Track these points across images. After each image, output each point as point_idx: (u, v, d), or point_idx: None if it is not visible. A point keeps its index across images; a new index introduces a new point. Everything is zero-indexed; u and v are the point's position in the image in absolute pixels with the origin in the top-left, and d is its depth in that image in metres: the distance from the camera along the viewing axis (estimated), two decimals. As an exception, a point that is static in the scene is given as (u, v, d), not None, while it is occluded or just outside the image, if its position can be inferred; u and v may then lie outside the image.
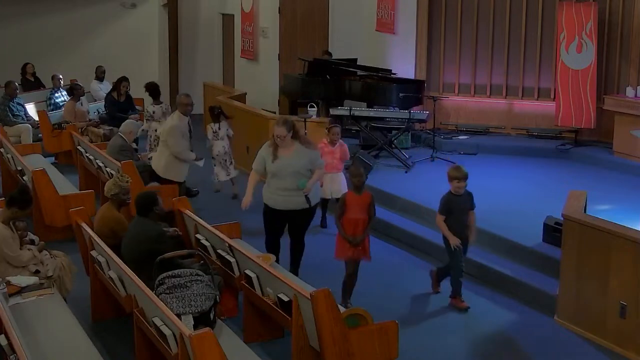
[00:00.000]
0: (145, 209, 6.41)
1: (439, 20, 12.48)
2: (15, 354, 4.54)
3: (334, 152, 8.51)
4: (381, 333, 5.29)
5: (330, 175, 8.43)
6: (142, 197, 6.53)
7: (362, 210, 6.59)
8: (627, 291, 5.94)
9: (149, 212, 6.41)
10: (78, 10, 16.13)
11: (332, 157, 8.46)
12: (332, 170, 8.44)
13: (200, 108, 15.31)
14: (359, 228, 6.58)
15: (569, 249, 6.42)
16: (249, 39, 15.12)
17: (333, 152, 8.50)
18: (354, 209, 6.57)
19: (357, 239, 6.55)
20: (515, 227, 7.92)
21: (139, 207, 6.44)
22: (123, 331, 6.18)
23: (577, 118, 11.25)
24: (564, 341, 6.28)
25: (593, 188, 8.37)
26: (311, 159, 6.92)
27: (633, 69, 11.10)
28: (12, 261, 6.29)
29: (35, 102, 13.68)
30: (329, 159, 8.28)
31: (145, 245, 6.15)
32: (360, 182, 6.62)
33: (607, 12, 11.34)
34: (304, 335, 5.33)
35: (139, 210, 6.45)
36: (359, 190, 6.63)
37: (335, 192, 8.48)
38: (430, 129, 11.64)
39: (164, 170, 8.88)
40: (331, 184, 8.52)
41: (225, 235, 6.56)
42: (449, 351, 6.13)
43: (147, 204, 6.42)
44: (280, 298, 5.51)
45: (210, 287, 5.59)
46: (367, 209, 6.62)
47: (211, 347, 4.49)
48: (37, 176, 8.41)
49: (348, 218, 6.58)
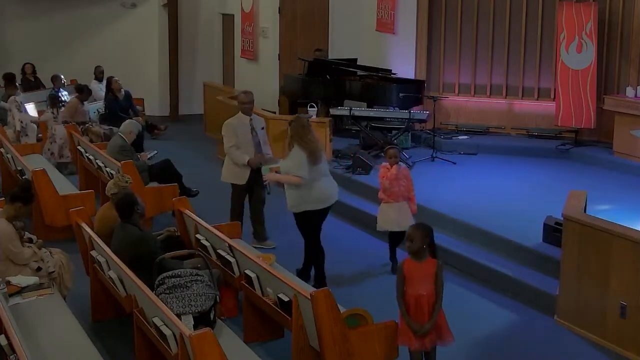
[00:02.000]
0: (126, 212, 6.31)
1: (439, 20, 12.48)
2: (15, 354, 4.53)
3: (396, 177, 7.54)
4: (381, 333, 5.29)
5: (396, 205, 7.54)
6: (121, 200, 6.41)
7: (425, 282, 5.18)
8: (627, 291, 5.94)
9: (130, 215, 6.31)
10: (78, 10, 16.13)
11: (397, 183, 7.51)
12: (398, 198, 7.53)
13: (200, 108, 15.36)
14: (424, 307, 5.15)
15: (569, 249, 6.42)
16: (249, 39, 15.12)
17: (397, 178, 7.53)
18: (414, 282, 5.17)
19: (424, 327, 5.12)
20: (515, 227, 7.92)
21: (120, 211, 6.35)
22: (123, 331, 6.18)
23: (577, 118, 11.25)
24: (564, 341, 6.28)
25: (593, 188, 8.37)
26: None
27: (633, 69, 11.10)
28: (14, 258, 6.30)
29: (35, 102, 13.68)
30: (392, 186, 7.52)
31: (130, 251, 6.10)
32: (416, 247, 5.19)
33: (607, 12, 11.34)
34: (304, 335, 5.33)
35: (120, 214, 6.36)
36: (418, 257, 5.24)
37: (403, 223, 7.36)
38: (430, 129, 11.64)
39: (223, 173, 8.31)
40: (398, 215, 7.54)
41: (225, 235, 6.56)
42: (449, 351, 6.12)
43: (126, 206, 6.32)
44: (280, 298, 5.51)
45: (211, 287, 5.59)
46: (434, 280, 5.19)
47: (211, 347, 4.49)
48: (37, 176, 8.41)
49: (408, 294, 5.18)
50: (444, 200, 8.89)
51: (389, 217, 7.57)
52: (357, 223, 9.18)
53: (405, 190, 7.55)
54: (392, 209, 7.54)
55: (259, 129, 8.17)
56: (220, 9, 16.40)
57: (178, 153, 11.79)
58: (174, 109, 16.21)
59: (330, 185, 7.26)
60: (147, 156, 10.04)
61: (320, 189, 7.09)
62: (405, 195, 7.56)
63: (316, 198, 7.06)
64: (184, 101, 16.30)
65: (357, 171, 10.15)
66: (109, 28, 16.30)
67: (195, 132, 14.67)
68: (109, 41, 16.10)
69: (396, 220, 7.53)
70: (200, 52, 16.55)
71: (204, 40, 16.59)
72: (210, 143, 13.28)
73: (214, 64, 16.63)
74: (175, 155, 10.46)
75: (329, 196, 7.18)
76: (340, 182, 10.00)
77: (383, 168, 7.63)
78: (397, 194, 7.51)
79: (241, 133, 8.03)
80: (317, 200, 7.07)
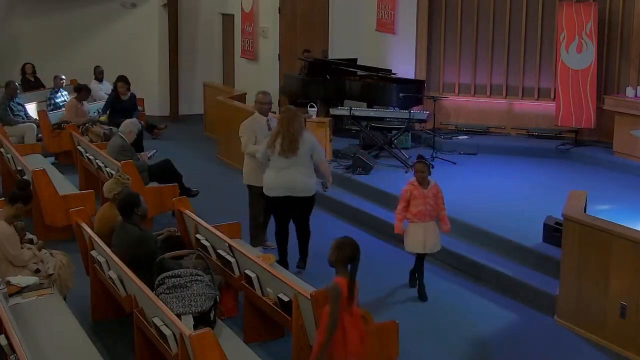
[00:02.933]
0: (126, 212, 6.31)
1: (439, 20, 12.49)
2: (15, 354, 4.54)
3: (425, 195, 6.91)
4: (381, 333, 5.29)
5: (422, 225, 6.92)
6: (123, 199, 6.41)
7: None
8: (627, 291, 5.94)
9: (130, 215, 6.30)
10: (78, 10, 16.13)
11: (424, 201, 6.91)
12: (425, 218, 6.92)
13: (200, 108, 15.36)
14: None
15: (569, 249, 6.42)
16: (249, 39, 15.13)
17: (425, 196, 6.92)
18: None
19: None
20: (515, 227, 7.92)
21: (120, 209, 6.35)
22: (123, 331, 6.18)
23: (577, 118, 11.25)
24: (564, 341, 6.28)
25: (593, 188, 8.38)
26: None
27: (633, 69, 11.10)
28: (13, 260, 6.29)
29: (35, 102, 13.69)
30: (419, 204, 6.90)
31: (130, 251, 6.10)
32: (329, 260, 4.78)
33: (607, 12, 11.35)
34: (304, 335, 5.33)
35: (121, 212, 6.37)
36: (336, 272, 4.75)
37: (430, 244, 6.98)
38: (430, 129, 11.64)
39: (244, 176, 8.16)
40: (424, 236, 6.96)
41: (225, 235, 6.56)
42: (449, 351, 6.14)
43: (127, 206, 6.31)
44: (280, 298, 5.52)
45: (210, 287, 5.59)
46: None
47: (211, 347, 4.49)
48: (37, 176, 8.41)
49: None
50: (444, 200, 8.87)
51: (414, 238, 6.96)
52: (357, 223, 9.18)
53: (433, 210, 6.93)
54: (418, 230, 6.92)
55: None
56: (220, 9, 16.40)
57: (178, 153, 11.79)
58: (174, 109, 16.22)
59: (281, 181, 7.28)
60: (147, 156, 10.03)
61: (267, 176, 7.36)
62: (433, 215, 6.96)
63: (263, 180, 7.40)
64: (184, 101, 16.30)
65: (357, 171, 10.15)
66: (109, 28, 16.30)
67: (195, 132, 14.68)
68: (109, 41, 16.10)
69: (421, 241, 6.94)
70: (200, 52, 16.55)
71: (204, 40, 16.59)
72: (210, 143, 13.28)
73: (214, 64, 16.64)
74: (175, 155, 10.46)
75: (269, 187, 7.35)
76: (340, 182, 10.05)
77: (409, 185, 6.95)
78: (423, 214, 6.89)
79: (259, 133, 7.92)
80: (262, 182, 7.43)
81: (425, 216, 6.90)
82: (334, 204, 9.65)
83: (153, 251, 6.07)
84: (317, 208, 9.59)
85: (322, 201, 9.83)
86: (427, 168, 6.93)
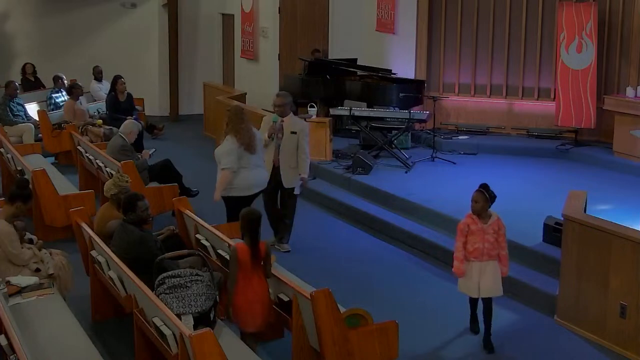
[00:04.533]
0: (127, 211, 6.31)
1: (439, 20, 12.48)
2: (15, 354, 4.53)
3: (484, 230, 5.99)
4: (381, 333, 5.29)
5: (478, 265, 6.01)
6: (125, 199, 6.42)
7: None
8: (627, 291, 5.95)
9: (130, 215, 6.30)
10: (78, 10, 16.13)
11: (482, 238, 5.98)
12: (482, 257, 5.99)
13: (200, 108, 15.36)
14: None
15: (569, 249, 6.42)
16: (249, 39, 15.13)
17: (483, 232, 5.99)
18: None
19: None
20: (515, 227, 7.87)
21: (122, 208, 6.38)
22: (123, 331, 6.18)
23: (577, 118, 11.25)
24: (564, 341, 6.28)
25: (593, 188, 8.38)
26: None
27: (633, 69, 11.10)
28: (14, 259, 6.29)
29: (35, 102, 13.68)
30: (477, 241, 5.98)
31: (130, 251, 6.10)
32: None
33: (607, 12, 11.35)
34: (304, 335, 5.33)
35: (123, 211, 6.39)
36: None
37: (485, 289, 6.04)
38: (430, 129, 11.65)
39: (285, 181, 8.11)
40: (478, 278, 6.04)
41: (225, 235, 6.56)
42: (449, 351, 6.14)
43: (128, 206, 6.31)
44: (280, 298, 5.51)
45: (210, 287, 5.59)
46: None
47: (211, 347, 4.49)
48: (37, 176, 8.41)
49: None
50: (444, 200, 8.89)
51: (468, 280, 6.07)
52: (357, 223, 9.18)
53: (493, 248, 6.00)
54: (474, 270, 6.02)
55: (288, 132, 7.99)
56: (220, 9, 16.40)
57: (178, 153, 11.79)
58: (174, 109, 16.21)
59: (257, 177, 7.61)
60: (148, 153, 10.00)
61: (246, 177, 7.50)
62: (493, 254, 6.00)
63: (239, 185, 7.49)
64: (184, 101, 16.29)
65: (357, 171, 10.14)
66: (109, 28, 16.30)
67: (195, 132, 14.68)
68: (109, 41, 16.10)
69: (476, 283, 6.04)
70: (200, 52, 16.55)
71: (204, 40, 16.59)
72: (210, 143, 13.28)
73: (214, 64, 16.64)
74: (175, 155, 10.46)
75: (253, 185, 7.57)
76: (340, 182, 10.05)
77: (467, 217, 6.07)
78: (480, 252, 5.97)
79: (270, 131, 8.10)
80: (240, 187, 7.51)
81: (484, 255, 5.97)
82: (334, 204, 9.65)
83: (153, 251, 6.07)
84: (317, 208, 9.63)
85: (323, 201, 9.85)
86: (484, 198, 6.00)
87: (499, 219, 6.06)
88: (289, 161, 7.98)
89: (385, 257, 8.06)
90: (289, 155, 7.97)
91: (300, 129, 7.99)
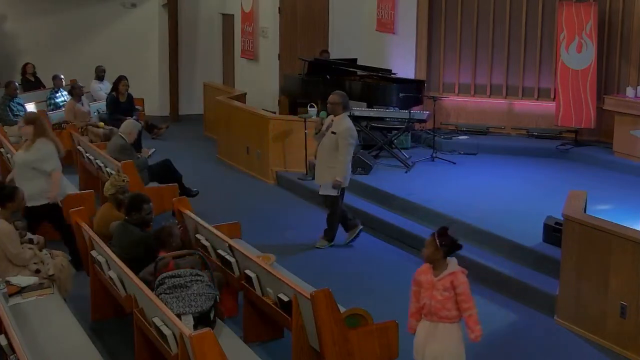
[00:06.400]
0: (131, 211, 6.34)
1: (439, 20, 12.48)
2: (15, 354, 4.53)
3: (433, 285, 4.82)
4: (381, 333, 5.28)
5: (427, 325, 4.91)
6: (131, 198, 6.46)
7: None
8: (627, 291, 5.94)
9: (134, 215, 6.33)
10: (78, 10, 16.13)
11: (430, 294, 4.82)
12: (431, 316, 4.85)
13: (200, 108, 15.36)
14: None
15: (569, 249, 6.42)
16: (249, 39, 15.12)
17: (432, 286, 4.82)
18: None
19: None
20: (515, 227, 7.92)
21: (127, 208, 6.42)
22: (123, 331, 6.18)
23: (577, 118, 11.25)
24: (564, 341, 6.28)
25: (593, 188, 8.37)
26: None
27: (633, 69, 11.10)
28: (14, 259, 6.28)
29: (35, 102, 13.68)
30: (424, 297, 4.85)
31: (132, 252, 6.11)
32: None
33: (607, 12, 11.35)
34: (304, 335, 5.33)
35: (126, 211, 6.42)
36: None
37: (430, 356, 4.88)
38: (430, 129, 11.65)
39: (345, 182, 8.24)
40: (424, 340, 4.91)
41: (225, 235, 6.56)
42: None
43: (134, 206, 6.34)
44: (280, 298, 5.51)
45: (211, 287, 5.59)
46: None
47: (211, 347, 4.49)
48: (37, 176, 8.39)
49: None
50: (444, 200, 8.89)
51: (416, 340, 5.02)
52: (357, 223, 9.17)
53: (442, 308, 4.79)
54: (420, 329, 4.97)
55: (329, 131, 8.10)
56: (220, 9, 16.41)
57: (178, 153, 11.79)
58: (174, 109, 16.22)
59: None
60: (148, 152, 10.00)
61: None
62: (443, 315, 4.80)
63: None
64: (184, 101, 16.30)
65: (357, 171, 10.13)
66: (109, 28, 16.31)
67: (195, 132, 14.68)
68: (109, 41, 16.11)
69: (420, 346, 4.94)
70: (200, 52, 16.55)
71: (204, 40, 16.59)
72: (210, 143, 13.29)
73: (214, 64, 16.63)
74: (175, 155, 10.47)
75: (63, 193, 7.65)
76: (340, 182, 10.03)
77: (424, 264, 4.94)
78: (427, 309, 4.84)
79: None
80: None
81: (432, 314, 4.83)
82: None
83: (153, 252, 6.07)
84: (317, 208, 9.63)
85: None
86: (434, 245, 4.82)
87: (457, 274, 4.80)
88: (327, 160, 8.08)
89: (385, 257, 8.06)
90: (325, 154, 8.09)
91: (341, 132, 8.01)
